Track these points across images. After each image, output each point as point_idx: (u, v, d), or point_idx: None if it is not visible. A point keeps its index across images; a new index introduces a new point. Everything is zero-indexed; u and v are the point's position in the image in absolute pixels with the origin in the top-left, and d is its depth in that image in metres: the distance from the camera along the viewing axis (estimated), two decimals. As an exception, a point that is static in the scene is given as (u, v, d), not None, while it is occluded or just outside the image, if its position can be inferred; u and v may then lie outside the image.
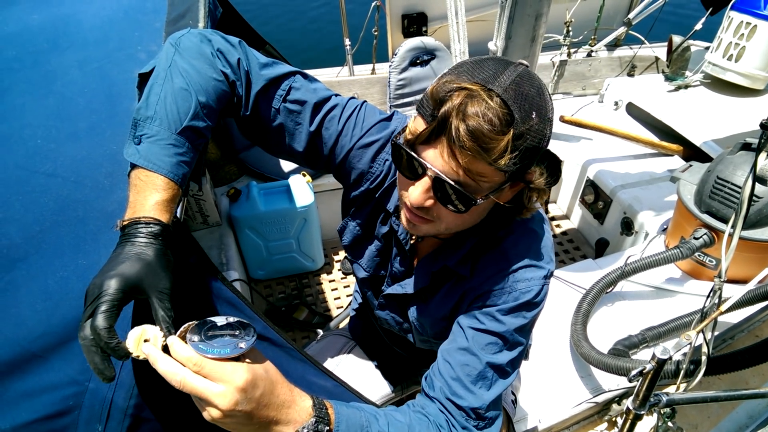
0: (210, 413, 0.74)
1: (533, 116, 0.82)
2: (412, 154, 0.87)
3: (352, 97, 1.12)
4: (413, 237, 1.15)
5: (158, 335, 0.77)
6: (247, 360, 0.79)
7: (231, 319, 0.82)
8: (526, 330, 1.04)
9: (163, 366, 0.74)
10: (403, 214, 0.98)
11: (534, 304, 1.02)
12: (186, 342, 0.76)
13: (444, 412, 0.99)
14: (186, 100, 0.92)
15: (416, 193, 0.89)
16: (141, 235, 0.81)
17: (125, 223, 0.83)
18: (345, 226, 1.24)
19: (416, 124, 0.88)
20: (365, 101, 1.13)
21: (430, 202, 0.90)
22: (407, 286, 1.18)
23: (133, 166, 0.87)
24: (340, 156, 1.11)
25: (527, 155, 0.85)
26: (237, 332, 0.81)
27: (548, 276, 1.04)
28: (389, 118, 1.13)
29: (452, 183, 0.85)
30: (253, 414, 0.76)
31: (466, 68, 0.85)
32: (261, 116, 1.05)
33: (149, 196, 0.85)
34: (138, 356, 0.76)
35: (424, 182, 0.88)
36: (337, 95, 1.10)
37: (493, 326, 1.01)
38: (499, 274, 1.03)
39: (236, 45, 1.02)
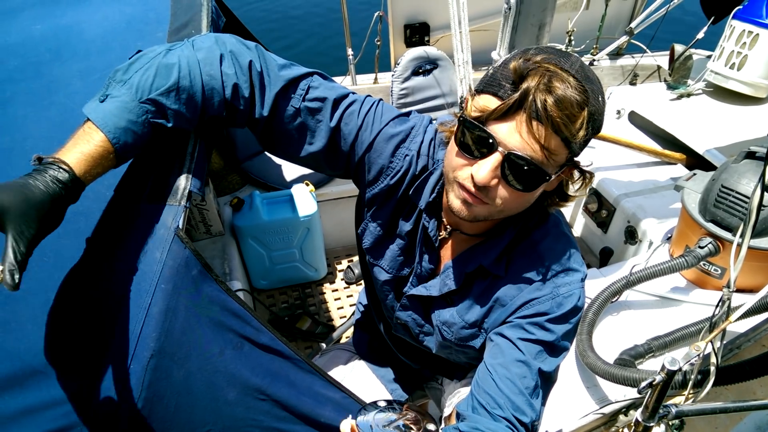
0: None
1: (599, 98, 0.87)
2: (486, 129, 0.87)
3: (369, 95, 1.12)
4: (442, 233, 1.14)
5: None
6: None
7: (381, 404, 0.81)
8: (571, 335, 1.05)
9: None
10: (456, 197, 0.96)
11: (578, 309, 1.04)
12: None
13: (513, 430, 0.98)
14: (166, 77, 0.90)
15: (485, 171, 0.88)
16: (45, 174, 0.79)
17: (43, 159, 0.81)
18: (365, 228, 1.22)
19: (483, 101, 0.88)
20: (381, 99, 1.13)
21: (494, 181, 0.90)
22: (432, 288, 1.17)
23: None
24: (361, 151, 1.10)
25: (592, 135, 0.89)
26: (402, 414, 0.81)
27: (584, 279, 1.05)
28: (407, 115, 1.13)
29: (528, 158, 0.85)
30: None
31: (533, 52, 0.87)
32: (281, 117, 1.04)
33: (79, 145, 0.83)
34: None
35: (494, 159, 0.88)
36: (353, 93, 1.10)
37: (543, 335, 1.02)
38: (538, 280, 1.04)
39: (252, 48, 1.01)
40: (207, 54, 0.96)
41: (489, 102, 0.87)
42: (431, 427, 0.82)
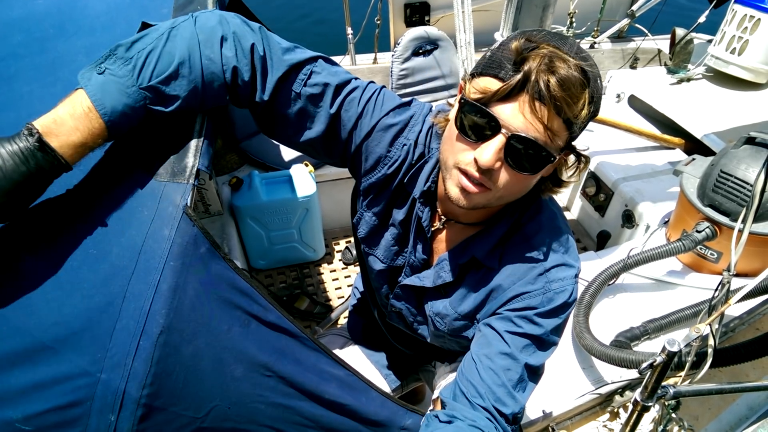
0: None
1: (598, 81, 0.88)
2: (488, 111, 0.86)
3: (371, 81, 1.11)
4: (435, 224, 1.14)
5: None
6: None
7: None
8: (560, 330, 1.05)
9: None
10: (455, 185, 0.95)
11: (569, 305, 1.03)
12: None
13: (492, 420, 0.98)
14: (168, 63, 0.90)
15: (489, 153, 0.87)
16: (27, 150, 0.80)
17: (34, 130, 0.82)
18: (360, 218, 1.22)
19: (484, 83, 0.88)
20: (384, 86, 1.11)
21: (498, 164, 0.89)
22: (426, 279, 1.16)
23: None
24: (359, 139, 1.09)
25: (590, 118, 0.89)
26: None
27: (578, 275, 1.04)
28: (408, 104, 1.11)
29: (532, 139, 0.85)
30: None
31: (532, 33, 0.88)
32: (281, 102, 1.03)
33: (77, 133, 0.84)
34: None
35: (498, 141, 0.87)
36: (356, 78, 1.09)
37: (531, 329, 1.01)
38: (530, 274, 1.03)
39: (255, 30, 0.99)
40: (209, 35, 0.94)
41: (490, 84, 0.86)
42: None
